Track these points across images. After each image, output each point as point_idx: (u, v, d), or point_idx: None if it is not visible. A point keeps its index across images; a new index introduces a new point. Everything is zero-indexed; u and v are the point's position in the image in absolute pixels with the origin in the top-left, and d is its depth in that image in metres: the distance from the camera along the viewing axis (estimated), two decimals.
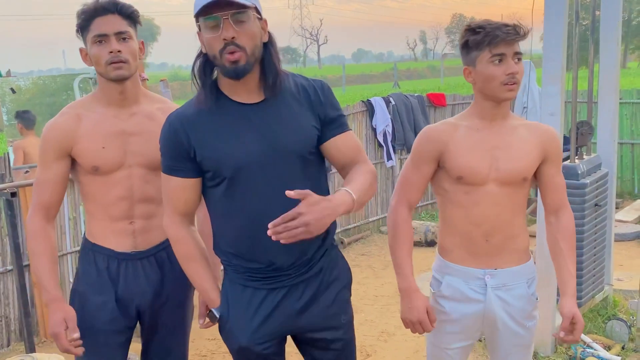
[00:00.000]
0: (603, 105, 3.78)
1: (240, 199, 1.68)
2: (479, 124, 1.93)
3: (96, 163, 1.92)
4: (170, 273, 2.02)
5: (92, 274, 1.98)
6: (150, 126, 1.97)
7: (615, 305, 3.87)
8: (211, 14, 1.58)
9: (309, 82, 1.75)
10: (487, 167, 1.89)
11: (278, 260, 1.70)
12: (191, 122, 1.69)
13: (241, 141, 1.66)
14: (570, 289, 1.90)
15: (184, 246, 1.78)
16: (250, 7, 1.60)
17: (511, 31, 1.80)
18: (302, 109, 1.71)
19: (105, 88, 1.95)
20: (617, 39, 3.64)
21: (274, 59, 1.67)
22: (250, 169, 1.65)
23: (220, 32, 1.58)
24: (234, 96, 1.69)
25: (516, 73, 1.82)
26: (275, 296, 1.73)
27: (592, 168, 3.55)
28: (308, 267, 1.74)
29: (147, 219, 2.00)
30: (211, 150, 1.66)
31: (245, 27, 1.59)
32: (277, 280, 1.73)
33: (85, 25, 1.89)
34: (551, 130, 1.97)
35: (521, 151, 1.90)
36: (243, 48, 1.60)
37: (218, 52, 1.60)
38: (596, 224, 3.57)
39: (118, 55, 1.86)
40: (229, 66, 1.60)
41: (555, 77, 3.12)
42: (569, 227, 1.96)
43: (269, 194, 1.66)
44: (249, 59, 1.61)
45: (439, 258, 2.03)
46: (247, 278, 1.74)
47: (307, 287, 1.75)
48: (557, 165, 1.96)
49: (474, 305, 1.95)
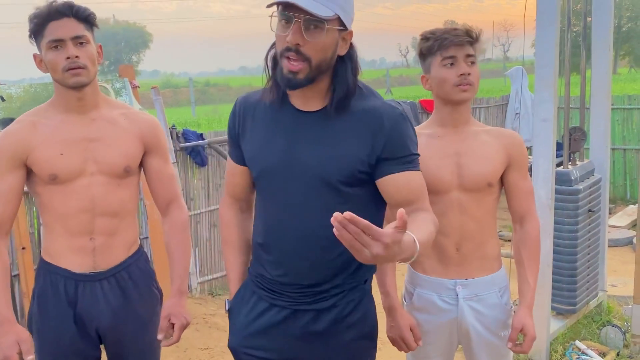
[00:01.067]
0: (595, 111, 3.79)
1: (264, 200, 1.62)
2: (440, 131, 1.92)
3: (54, 171, 1.81)
4: (133, 293, 1.94)
5: (48, 295, 1.88)
6: (112, 131, 1.88)
7: (609, 312, 3.86)
8: (285, 11, 1.42)
9: (381, 108, 1.53)
10: (449, 174, 1.88)
11: (283, 265, 1.60)
12: (249, 109, 1.63)
13: (274, 145, 1.56)
14: (526, 300, 1.90)
15: (224, 228, 1.77)
16: (329, 20, 1.42)
17: (460, 34, 1.83)
18: (355, 135, 1.52)
19: (62, 95, 1.84)
20: (609, 45, 3.66)
21: (347, 75, 1.50)
22: (272, 176, 1.57)
23: (288, 32, 1.42)
24: (292, 99, 1.57)
25: (467, 74, 1.83)
26: (277, 314, 1.64)
27: (585, 174, 3.55)
28: (316, 297, 1.60)
29: (108, 235, 1.89)
30: (248, 145, 1.62)
31: (317, 36, 1.42)
32: (280, 297, 1.63)
33: (39, 30, 1.78)
34: (515, 135, 1.96)
35: (484, 156, 1.88)
36: (307, 58, 1.44)
37: (280, 52, 1.46)
38: (590, 229, 3.57)
39: (76, 61, 1.76)
40: (285, 73, 1.46)
41: (548, 83, 3.12)
42: (531, 236, 1.93)
43: (286, 206, 1.56)
44: (309, 74, 1.45)
45: (410, 270, 2.01)
46: (257, 284, 1.69)
47: (315, 319, 1.61)
48: (521, 170, 1.93)
49: (446, 316, 1.93)
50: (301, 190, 1.54)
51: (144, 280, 1.99)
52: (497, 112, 7.79)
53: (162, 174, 2.00)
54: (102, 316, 1.89)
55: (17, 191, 1.84)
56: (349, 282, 1.61)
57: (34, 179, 1.86)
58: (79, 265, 1.87)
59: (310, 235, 1.55)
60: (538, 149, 3.18)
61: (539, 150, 3.17)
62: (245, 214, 1.78)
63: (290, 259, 1.58)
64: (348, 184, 1.53)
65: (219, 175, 4.93)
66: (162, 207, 2.04)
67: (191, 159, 4.71)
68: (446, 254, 1.91)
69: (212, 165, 4.86)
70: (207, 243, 4.92)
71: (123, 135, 1.90)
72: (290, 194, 1.55)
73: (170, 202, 2.03)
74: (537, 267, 1.94)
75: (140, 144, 1.93)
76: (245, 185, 1.72)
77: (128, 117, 1.94)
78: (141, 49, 50.82)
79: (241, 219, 1.77)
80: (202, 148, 4.71)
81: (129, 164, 1.90)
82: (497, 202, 1.96)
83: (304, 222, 1.53)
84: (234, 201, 1.76)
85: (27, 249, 3.57)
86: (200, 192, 4.84)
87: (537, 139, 3.18)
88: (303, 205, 1.53)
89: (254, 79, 44.81)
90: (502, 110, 7.81)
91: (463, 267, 1.92)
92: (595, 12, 3.68)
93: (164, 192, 2.02)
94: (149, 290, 2.01)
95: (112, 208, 1.88)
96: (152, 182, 2.01)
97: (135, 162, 1.93)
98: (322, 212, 1.48)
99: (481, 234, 1.92)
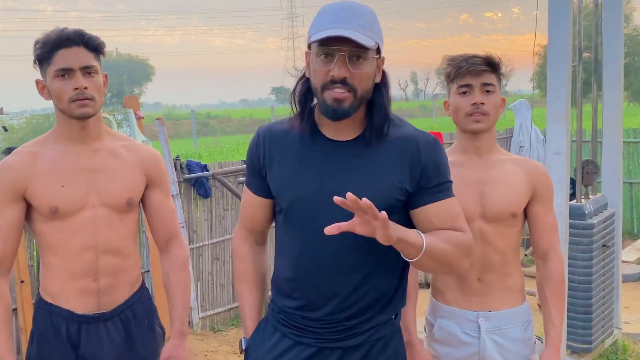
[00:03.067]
0: (607, 144, 3.74)
1: (292, 235, 1.56)
2: (463, 159, 1.88)
3: (54, 203, 1.73)
4: (136, 333, 1.86)
5: (49, 337, 1.79)
6: (115, 163, 1.82)
7: (625, 350, 3.75)
8: (327, 44, 1.40)
9: (415, 135, 1.52)
10: (472, 203, 1.82)
11: (314, 300, 1.53)
12: (274, 140, 1.58)
13: (306, 176, 1.52)
14: (551, 341, 1.83)
15: (239, 262, 1.71)
16: (372, 48, 1.41)
17: (477, 62, 1.79)
18: (392, 163, 1.49)
19: (64, 125, 1.78)
20: (620, 78, 3.62)
21: (384, 103, 1.49)
22: (305, 207, 1.52)
23: (332, 66, 1.40)
24: (323, 128, 1.53)
25: (480, 103, 1.79)
26: (302, 352, 1.56)
27: (598, 208, 3.48)
28: (345, 333, 1.54)
29: (113, 275, 1.81)
30: (277, 176, 1.56)
31: (362, 67, 1.42)
32: (307, 334, 1.56)
33: (47, 57, 1.71)
34: (540, 167, 1.91)
35: (509, 186, 1.83)
36: (353, 89, 1.42)
37: (321, 86, 1.44)
38: (604, 265, 3.48)
39: (84, 92, 1.70)
40: (330, 103, 1.43)
41: (560, 115, 3.06)
42: (555, 274, 1.87)
43: (318, 239, 1.47)
44: (354, 102, 1.43)
45: (432, 300, 1.95)
46: (280, 321, 1.61)
47: (344, 357, 1.55)
48: (546, 203, 1.88)
49: (467, 349, 1.86)
50: (337, 218, 1.46)
51: (148, 319, 1.93)
52: (500, 144, 7.63)
53: (163, 209, 1.94)
54: (105, 357, 1.81)
55: (17, 226, 1.76)
56: (379, 316, 1.55)
57: (34, 215, 1.77)
58: (82, 306, 1.79)
59: (345, 267, 1.50)
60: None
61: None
62: (260, 247, 1.73)
63: (322, 293, 1.53)
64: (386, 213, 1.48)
65: (223, 207, 4.85)
66: (162, 244, 1.97)
67: (194, 191, 4.64)
68: (468, 284, 1.85)
69: (215, 197, 4.79)
70: (209, 277, 4.81)
71: (126, 167, 1.84)
72: (325, 223, 1.47)
73: (170, 239, 1.97)
74: (563, 306, 1.88)
75: (143, 177, 1.88)
76: (263, 217, 1.67)
77: (130, 149, 1.88)
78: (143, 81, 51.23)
79: (256, 252, 1.72)
80: (205, 179, 4.65)
81: (132, 196, 1.84)
82: (520, 234, 1.90)
83: (339, 254, 1.48)
84: (249, 234, 1.71)
85: (25, 282, 3.47)
86: (203, 224, 4.76)
87: (551, 172, 3.07)
88: (339, 236, 1.46)
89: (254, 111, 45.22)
90: (506, 143, 7.78)
91: (485, 299, 1.85)
92: (605, 44, 3.66)
93: (164, 228, 1.95)
94: (153, 328, 1.94)
95: (115, 245, 1.81)
96: (152, 217, 1.94)
97: (137, 195, 1.87)
98: (358, 243, 1.45)
99: (504, 265, 1.86)
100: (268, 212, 1.65)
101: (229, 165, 4.91)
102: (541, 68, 27.72)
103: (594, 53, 3.64)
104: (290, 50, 74.75)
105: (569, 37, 3.02)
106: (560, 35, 3.02)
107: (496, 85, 1.83)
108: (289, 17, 73.93)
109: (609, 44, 3.65)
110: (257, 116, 35.11)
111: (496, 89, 1.83)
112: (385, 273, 1.54)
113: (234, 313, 4.89)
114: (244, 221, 1.70)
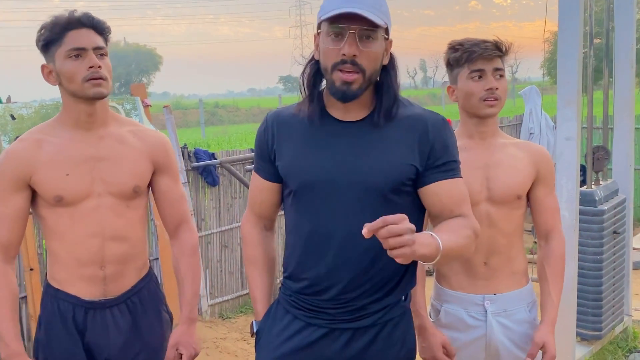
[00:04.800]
0: (619, 130, 3.69)
1: (303, 216, 1.56)
2: (468, 143, 1.88)
3: (59, 192, 1.71)
4: (143, 319, 1.85)
5: (56, 323, 1.78)
6: (121, 150, 1.80)
7: (635, 337, 3.72)
8: (338, 23, 1.41)
9: (424, 115, 1.53)
10: (478, 186, 1.84)
11: (324, 281, 1.54)
12: (282, 124, 1.59)
13: (315, 157, 1.52)
14: (549, 316, 1.86)
15: (249, 248, 1.72)
16: (382, 27, 1.43)
17: (489, 47, 1.79)
18: (401, 142, 1.50)
19: (72, 109, 1.75)
20: (632, 63, 3.57)
21: (393, 85, 1.50)
22: (315, 188, 1.52)
23: (342, 45, 1.41)
24: (332, 110, 1.54)
25: (495, 88, 1.81)
26: (313, 333, 1.57)
27: (609, 194, 3.45)
28: (356, 313, 1.54)
29: (119, 262, 1.79)
30: (286, 159, 1.57)
31: (371, 46, 1.43)
32: (318, 314, 1.57)
33: (57, 39, 1.69)
34: (543, 150, 1.94)
35: (513, 168, 1.86)
36: (362, 69, 1.43)
37: (331, 65, 1.44)
38: (615, 252, 3.46)
39: (98, 71, 1.69)
40: (339, 85, 1.44)
41: (571, 100, 3.03)
42: (556, 253, 1.90)
43: (330, 219, 1.51)
44: (363, 84, 1.45)
45: (437, 285, 1.97)
46: (291, 303, 1.62)
47: (352, 340, 1.55)
48: (548, 185, 1.91)
49: (474, 333, 1.88)
50: (348, 200, 1.49)
51: (155, 305, 1.92)
52: (510, 131, 7.70)
53: (171, 194, 1.92)
54: (112, 345, 1.80)
55: (22, 214, 1.75)
56: (389, 297, 1.56)
57: (39, 201, 1.76)
58: (88, 292, 1.79)
59: (357, 245, 1.49)
60: (562, 168, 3.07)
61: (562, 170, 3.07)
62: (269, 232, 1.75)
63: (334, 271, 1.52)
64: (396, 191, 1.50)
65: (231, 195, 4.85)
66: (171, 229, 1.96)
67: (202, 179, 4.64)
68: (474, 268, 1.87)
69: (223, 185, 4.78)
70: (217, 264, 4.82)
71: (132, 154, 1.82)
72: (336, 205, 1.51)
73: (180, 224, 1.95)
74: (561, 284, 1.90)
75: (150, 163, 1.86)
76: (272, 202, 1.68)
77: (137, 135, 1.86)
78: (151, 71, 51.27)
79: (265, 238, 1.74)
80: (213, 167, 4.64)
81: (138, 183, 1.82)
82: (524, 217, 1.93)
83: (351, 232, 1.48)
84: (258, 219, 1.72)
85: (35, 270, 3.48)
86: (211, 212, 4.76)
87: (561, 158, 3.07)
88: (350, 215, 1.49)
89: (262, 100, 45.15)
90: (516, 130, 7.73)
91: (491, 282, 1.88)
92: (617, 28, 3.61)
93: (173, 213, 1.94)
94: (160, 314, 1.93)
95: (122, 232, 1.79)
96: (161, 203, 1.93)
97: (144, 182, 1.85)
98: (368, 218, 1.42)
99: (509, 248, 1.88)
100: (277, 198, 1.66)
101: (237, 154, 4.90)
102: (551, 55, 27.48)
103: (605, 38, 3.59)
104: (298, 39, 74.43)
105: (579, 21, 2.97)
106: (571, 19, 2.97)
107: (504, 70, 1.85)
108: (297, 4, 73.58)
109: (621, 29, 3.60)
110: (265, 105, 35.06)
111: (504, 74, 1.85)
112: None
113: (242, 300, 4.91)
114: (253, 207, 1.71)
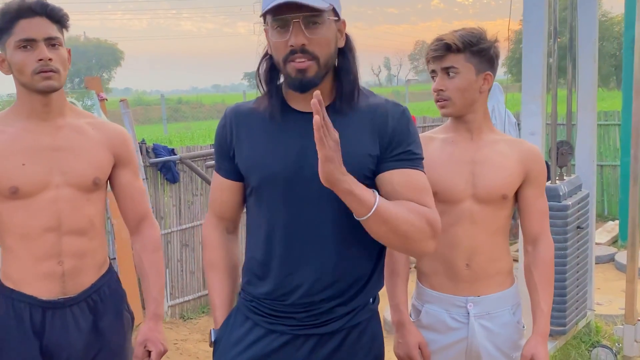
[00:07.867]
0: (582, 125, 3.70)
1: (263, 213, 1.48)
2: (455, 137, 1.82)
3: (15, 183, 1.64)
4: (104, 318, 1.77)
5: (10, 325, 1.68)
6: (80, 141, 1.72)
7: (598, 332, 3.74)
8: (280, 14, 1.35)
9: (385, 105, 1.48)
10: (463, 182, 1.77)
11: (288, 283, 1.46)
12: (242, 119, 1.52)
13: (276, 151, 1.45)
14: (539, 327, 1.77)
15: (208, 251, 1.63)
16: (326, 10, 1.36)
17: (439, 47, 1.73)
18: (363, 131, 1.44)
19: (26, 100, 1.68)
20: (594, 58, 3.58)
21: (352, 68, 1.44)
22: (276, 182, 1.44)
23: (288, 36, 1.36)
24: (292, 102, 1.48)
25: (440, 90, 1.75)
26: (274, 340, 1.48)
27: (573, 189, 3.44)
28: (322, 317, 1.47)
29: (78, 257, 1.72)
30: (246, 155, 1.50)
31: (319, 32, 1.37)
32: (281, 320, 1.48)
33: (7, 28, 1.62)
34: (535, 149, 1.84)
35: (501, 166, 1.77)
36: (315, 57, 1.37)
37: (282, 59, 1.39)
38: (578, 247, 3.46)
39: (48, 63, 1.61)
40: (295, 75, 1.38)
41: (536, 94, 3.01)
42: (545, 259, 1.81)
43: (295, 212, 1.43)
44: (319, 70, 1.38)
45: (419, 285, 1.89)
46: (252, 309, 1.52)
47: (317, 346, 1.47)
48: (538, 187, 1.82)
49: (455, 335, 1.80)
50: (312, 193, 1.41)
51: (116, 303, 1.83)
52: None
53: (132, 188, 1.86)
54: (73, 345, 1.71)
55: None
56: (357, 300, 1.49)
57: None
58: (46, 291, 1.69)
59: (323, 239, 1.43)
60: None
61: None
62: (231, 236, 1.65)
63: (298, 271, 1.45)
64: (360, 182, 1.40)
65: (191, 192, 4.72)
66: (133, 224, 1.89)
67: (162, 175, 4.50)
68: (455, 269, 1.79)
69: (183, 182, 4.65)
70: (178, 264, 4.68)
71: (91, 145, 1.75)
72: (300, 199, 1.43)
73: (142, 220, 1.89)
74: (551, 292, 1.81)
75: (110, 155, 1.79)
76: (234, 202, 1.59)
77: (96, 127, 1.79)
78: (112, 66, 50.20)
79: (227, 241, 1.64)
80: (173, 164, 4.50)
81: (99, 175, 1.75)
82: (509, 218, 1.84)
83: (316, 225, 1.41)
84: (220, 221, 1.63)
85: None
86: (171, 210, 4.62)
87: None
88: (315, 208, 1.42)
89: (227, 97, 44.67)
90: (487, 116, 7.76)
91: (473, 284, 1.80)
92: (580, 24, 3.61)
93: (134, 208, 1.87)
94: (121, 313, 1.85)
95: (80, 226, 1.71)
96: (121, 197, 1.86)
97: (104, 175, 1.78)
98: (334, 213, 1.40)
99: (492, 249, 1.80)
100: (238, 197, 1.58)
101: (198, 149, 4.77)
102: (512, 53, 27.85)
103: (569, 33, 3.59)
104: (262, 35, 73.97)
105: (544, 14, 2.96)
106: (536, 12, 2.95)
107: (461, 67, 1.72)
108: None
109: (584, 24, 3.61)
110: (230, 101, 34.67)
111: (460, 71, 1.72)
112: (361, 254, 1.47)
113: (204, 301, 4.78)
114: (214, 208, 1.63)
